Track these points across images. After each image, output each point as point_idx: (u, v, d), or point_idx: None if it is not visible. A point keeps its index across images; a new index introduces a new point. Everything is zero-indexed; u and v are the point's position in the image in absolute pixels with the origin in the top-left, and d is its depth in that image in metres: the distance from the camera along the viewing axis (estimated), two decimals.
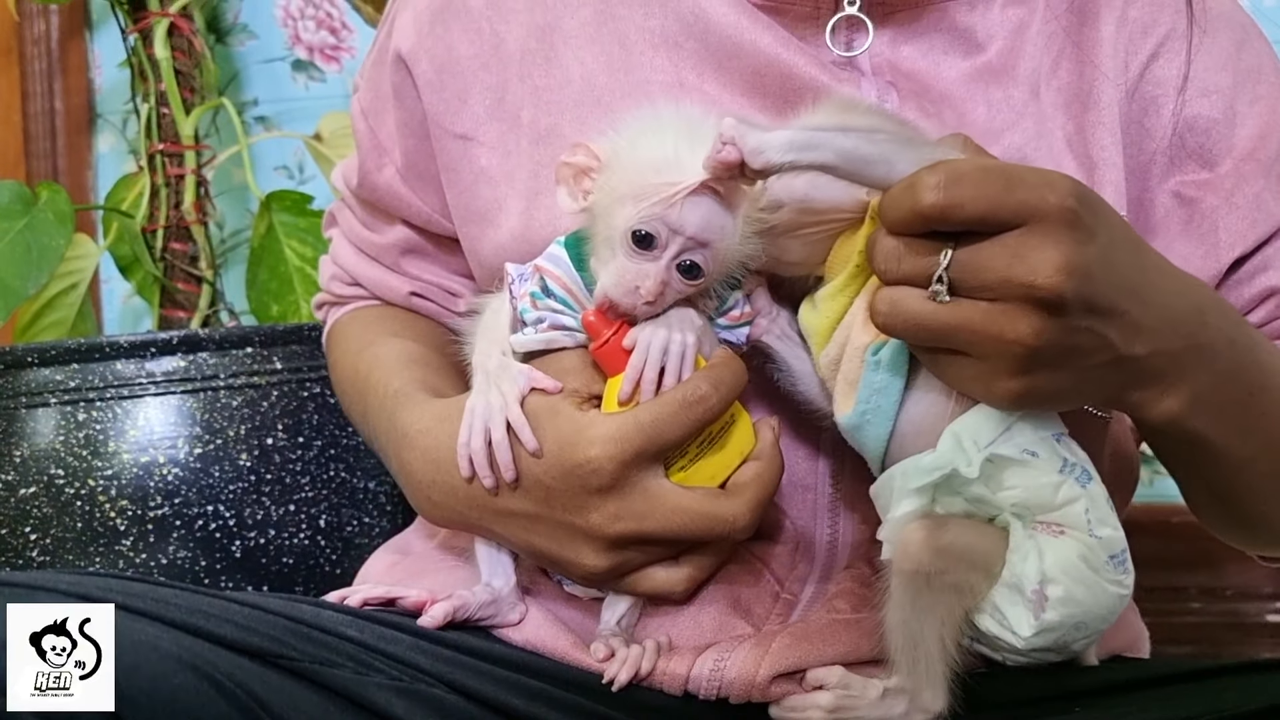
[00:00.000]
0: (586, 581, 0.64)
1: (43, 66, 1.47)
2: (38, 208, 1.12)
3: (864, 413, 0.58)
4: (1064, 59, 0.69)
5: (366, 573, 0.76)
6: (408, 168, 0.76)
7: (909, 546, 0.57)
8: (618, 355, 0.60)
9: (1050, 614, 0.56)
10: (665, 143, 0.57)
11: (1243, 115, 0.71)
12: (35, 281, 1.09)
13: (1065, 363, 0.53)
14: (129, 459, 1.03)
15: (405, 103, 0.75)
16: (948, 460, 0.56)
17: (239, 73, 1.43)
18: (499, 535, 0.65)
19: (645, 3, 0.69)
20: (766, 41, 0.67)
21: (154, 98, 1.24)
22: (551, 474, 0.60)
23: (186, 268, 1.25)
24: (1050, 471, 0.56)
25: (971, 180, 0.51)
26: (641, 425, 0.59)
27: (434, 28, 0.73)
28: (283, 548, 1.05)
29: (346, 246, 0.84)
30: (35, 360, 1.05)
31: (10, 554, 1.04)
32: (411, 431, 0.67)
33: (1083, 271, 0.51)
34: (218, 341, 1.06)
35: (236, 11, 1.43)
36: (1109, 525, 0.57)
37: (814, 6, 0.68)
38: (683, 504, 0.60)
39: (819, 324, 0.60)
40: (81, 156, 1.48)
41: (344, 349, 0.80)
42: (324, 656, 0.58)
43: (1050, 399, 0.56)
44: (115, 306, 1.50)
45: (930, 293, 0.52)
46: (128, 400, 1.05)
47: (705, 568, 0.64)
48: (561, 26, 0.70)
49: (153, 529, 1.03)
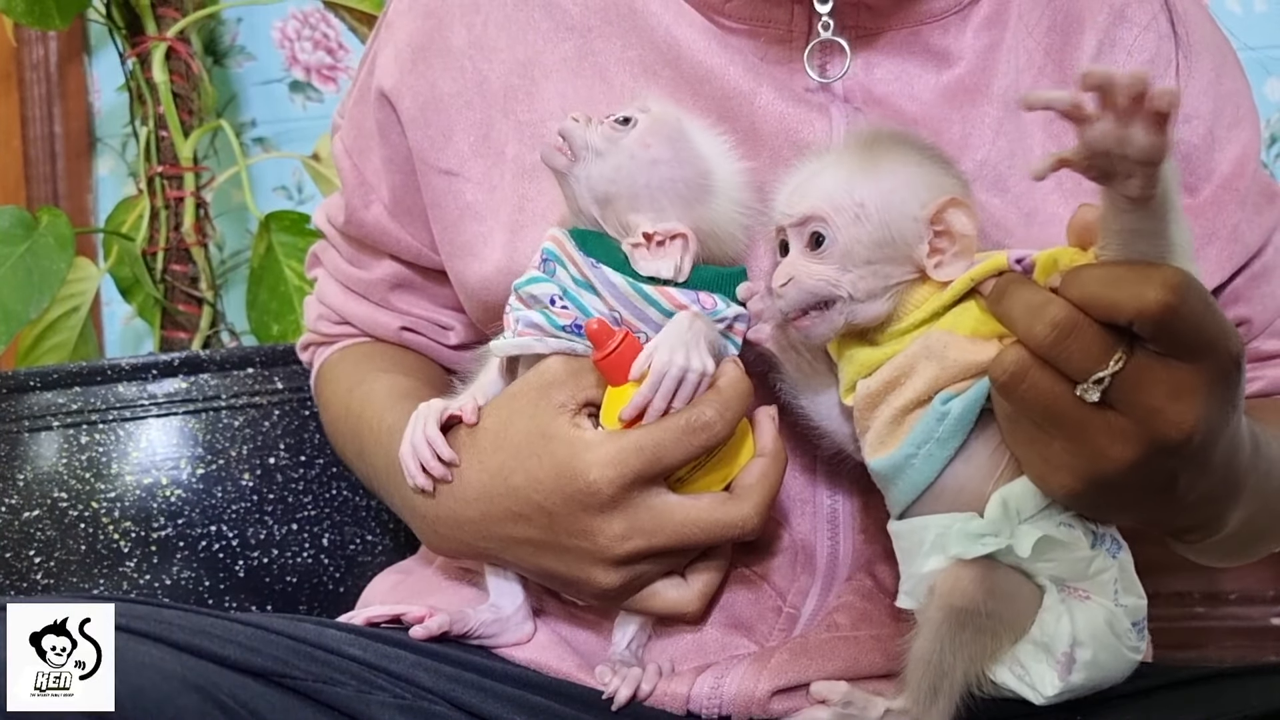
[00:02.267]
0: (600, 600, 0.64)
1: (42, 91, 1.47)
2: (38, 232, 1.12)
3: (910, 457, 0.57)
4: (1044, 78, 0.69)
5: (370, 593, 0.77)
6: (395, 203, 0.76)
7: (963, 584, 0.56)
8: (623, 367, 0.59)
9: (1075, 676, 0.56)
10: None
11: (1222, 141, 0.71)
12: (37, 305, 1.10)
13: (1134, 489, 0.53)
14: (132, 481, 1.04)
15: (390, 139, 0.75)
16: (1001, 535, 0.55)
17: (237, 94, 1.44)
18: (509, 562, 0.65)
19: (624, 34, 0.70)
20: (735, 71, 0.67)
21: (153, 120, 1.25)
22: (552, 500, 0.60)
23: (187, 289, 1.26)
24: (1085, 547, 0.56)
25: (1198, 298, 0.49)
26: (642, 449, 0.58)
27: (416, 65, 0.73)
28: (286, 567, 1.06)
29: (333, 285, 0.84)
30: (38, 384, 1.06)
31: (15, 577, 1.04)
32: None
33: (1212, 431, 0.51)
34: (219, 362, 1.07)
35: (234, 34, 1.44)
36: (1134, 594, 0.57)
37: (787, 30, 0.69)
38: (691, 516, 0.60)
39: (873, 357, 0.58)
40: (81, 180, 1.49)
41: (334, 389, 0.80)
42: (327, 675, 0.58)
43: (1097, 509, 0.55)
44: (116, 329, 1.50)
45: (1082, 387, 0.50)
46: (130, 422, 1.05)
47: (713, 582, 0.64)
48: (542, 61, 0.71)
49: (156, 550, 1.03)
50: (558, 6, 0.71)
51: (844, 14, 0.68)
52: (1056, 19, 0.70)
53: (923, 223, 0.56)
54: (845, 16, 0.68)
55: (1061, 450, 0.52)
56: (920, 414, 0.56)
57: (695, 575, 0.63)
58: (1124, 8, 0.71)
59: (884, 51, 0.69)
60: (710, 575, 0.64)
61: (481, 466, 0.63)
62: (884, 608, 0.67)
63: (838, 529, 0.68)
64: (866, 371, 0.58)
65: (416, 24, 0.74)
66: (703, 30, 0.68)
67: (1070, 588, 0.57)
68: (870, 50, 0.69)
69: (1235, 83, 0.74)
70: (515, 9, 0.72)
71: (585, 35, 0.70)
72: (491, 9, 0.72)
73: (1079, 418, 0.51)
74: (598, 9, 0.70)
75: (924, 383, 0.56)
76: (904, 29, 0.69)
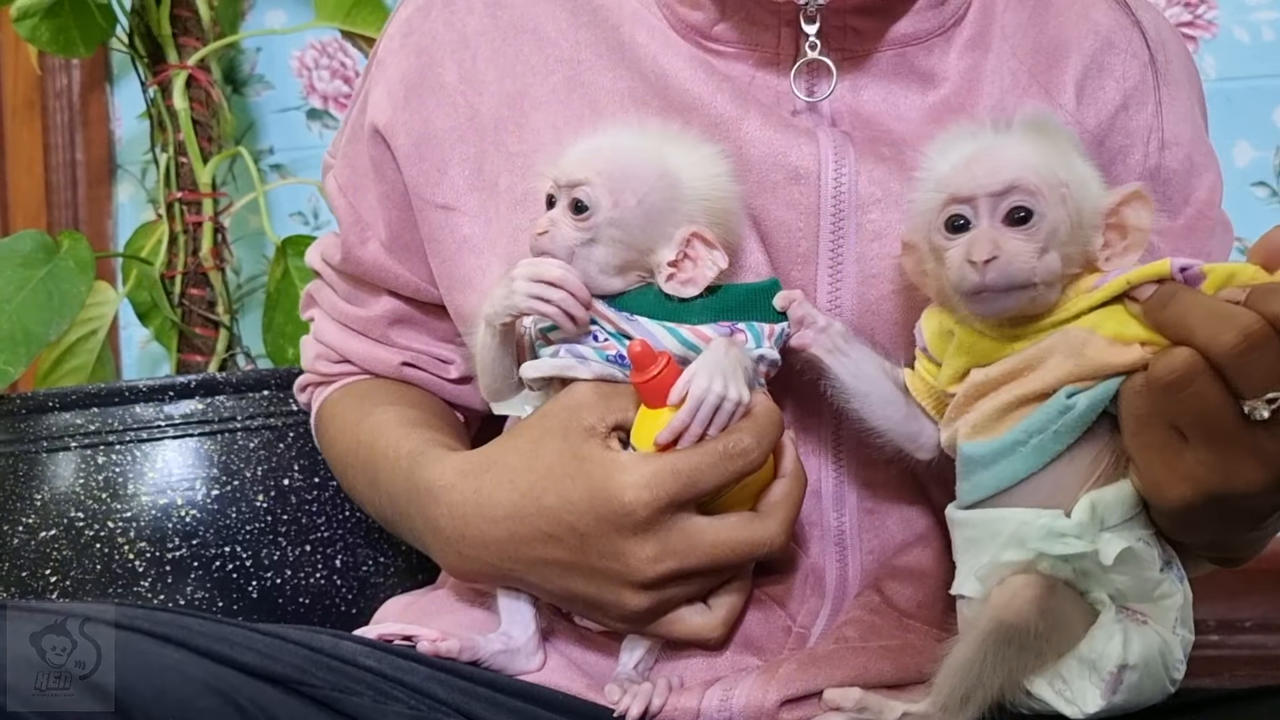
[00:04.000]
0: (626, 623, 0.64)
1: (64, 119, 1.50)
2: (59, 256, 1.14)
3: (1017, 444, 0.55)
4: (1029, 98, 0.70)
5: (383, 614, 0.77)
6: (392, 239, 0.77)
7: (1019, 602, 0.55)
8: (662, 390, 0.59)
9: (1118, 697, 0.56)
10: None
11: (1200, 168, 0.73)
12: (56, 328, 1.11)
13: (1242, 512, 0.53)
14: (147, 501, 1.04)
15: (385, 175, 0.76)
16: (1085, 539, 0.54)
17: (255, 122, 1.46)
18: (534, 585, 0.65)
19: (613, 66, 0.71)
20: (722, 99, 0.68)
21: (173, 147, 1.27)
22: (585, 520, 0.60)
23: (204, 313, 1.27)
24: (1154, 567, 0.56)
25: None
26: (678, 473, 0.59)
27: (409, 102, 0.74)
28: (299, 588, 1.06)
29: (330, 324, 0.84)
30: (56, 405, 1.07)
31: (30, 596, 1.05)
32: (436, 487, 0.67)
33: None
34: (235, 384, 1.08)
35: (253, 63, 1.46)
36: (1187, 627, 0.57)
37: (775, 52, 0.69)
38: (721, 537, 0.60)
39: (1000, 349, 0.56)
40: (101, 206, 1.51)
41: (340, 425, 0.80)
42: (344, 685, 0.59)
43: (1191, 526, 0.55)
44: (134, 352, 1.52)
45: (1251, 404, 0.49)
46: (146, 443, 1.06)
47: (737, 607, 0.65)
48: (532, 93, 0.71)
49: (170, 570, 1.03)
50: (546, 39, 0.72)
51: (831, 37, 0.69)
52: (1041, 41, 0.71)
53: (1102, 213, 0.56)
54: (832, 39, 0.69)
55: (1194, 461, 0.52)
56: (1033, 407, 0.55)
57: (718, 601, 0.64)
58: (1110, 34, 0.72)
59: (870, 74, 0.70)
60: (733, 600, 0.64)
61: (512, 486, 0.63)
62: (892, 621, 0.67)
63: (845, 550, 0.69)
64: (988, 360, 0.57)
65: (408, 61, 0.75)
66: (689, 59, 0.69)
67: (1130, 609, 0.56)
68: (857, 72, 0.70)
69: (1205, 117, 0.77)
70: (504, 42, 0.73)
71: (575, 67, 0.71)
72: (480, 44, 0.73)
73: (1231, 431, 0.50)
74: (587, 42, 0.71)
75: (1053, 377, 0.54)
76: (889, 50, 0.70)
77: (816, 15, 0.68)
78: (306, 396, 0.88)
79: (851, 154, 0.67)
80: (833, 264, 0.67)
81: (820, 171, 0.66)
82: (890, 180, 0.67)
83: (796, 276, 0.67)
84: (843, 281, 0.67)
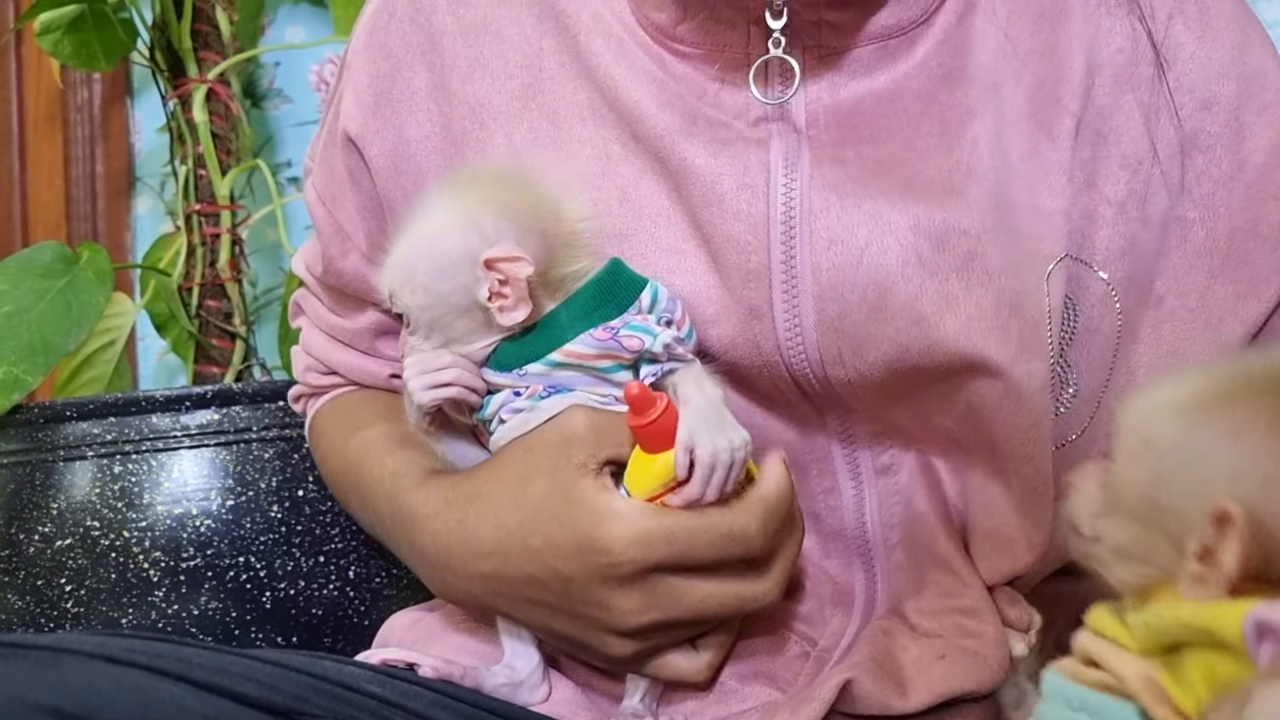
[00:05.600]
0: (610, 665, 0.63)
1: (85, 133, 1.51)
2: (78, 267, 1.15)
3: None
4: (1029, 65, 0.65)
5: (389, 630, 0.75)
6: (373, 250, 0.73)
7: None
8: (662, 435, 0.57)
9: None
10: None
11: (1252, 127, 0.65)
12: (75, 338, 1.11)
13: None
14: (163, 511, 1.05)
15: (362, 185, 0.72)
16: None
17: (273, 135, 1.47)
18: (520, 620, 0.64)
19: (574, 76, 0.67)
20: (669, 114, 0.64)
21: (192, 160, 1.28)
22: (570, 566, 0.58)
23: (221, 324, 1.28)
24: None
25: None
26: (672, 539, 0.57)
27: (379, 109, 0.71)
28: (312, 599, 1.06)
29: (317, 335, 0.80)
30: (73, 414, 1.07)
31: (45, 605, 1.05)
32: (419, 515, 0.65)
33: None
34: (250, 395, 1.08)
35: (272, 77, 1.47)
36: None
37: (744, 52, 0.64)
38: (711, 592, 0.58)
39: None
40: (120, 219, 1.52)
41: (330, 440, 0.78)
42: (346, 713, 0.58)
43: None
44: (151, 364, 1.53)
45: None
46: (162, 453, 1.06)
47: (723, 650, 0.63)
48: (492, 102, 0.68)
49: (185, 580, 1.04)
50: (507, 42, 0.68)
51: (803, 33, 0.63)
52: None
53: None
54: (805, 35, 0.63)
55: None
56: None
57: (706, 643, 0.62)
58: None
59: (848, 71, 0.64)
60: (720, 644, 0.62)
61: (498, 522, 0.61)
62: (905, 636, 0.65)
63: (873, 562, 0.67)
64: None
65: (374, 65, 0.71)
66: (640, 70, 0.65)
67: None
68: (833, 71, 0.64)
69: (1263, 61, 0.66)
70: (465, 45, 0.69)
71: (535, 74, 0.68)
72: (446, 44, 0.69)
73: None
74: (550, 50, 0.67)
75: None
76: (870, 45, 0.64)
77: (783, 9, 0.62)
78: (300, 406, 0.85)
79: (806, 158, 0.62)
80: (786, 278, 0.62)
81: (770, 179, 0.62)
82: (846, 182, 0.62)
83: (750, 297, 0.62)
84: (799, 298, 0.62)
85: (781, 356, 0.63)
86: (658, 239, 0.64)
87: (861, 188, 0.62)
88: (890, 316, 0.61)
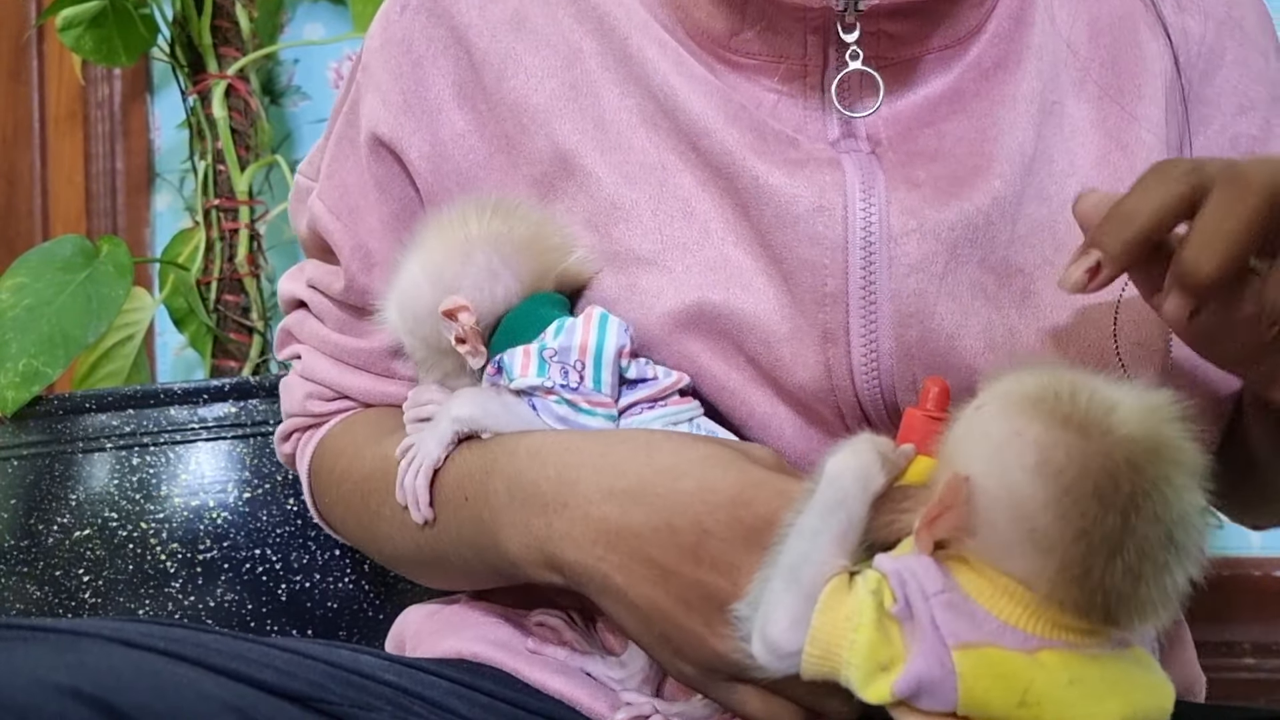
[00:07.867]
0: (701, 668, 0.55)
1: (106, 129, 1.52)
2: (99, 260, 1.16)
3: None
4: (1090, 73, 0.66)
5: (404, 622, 0.74)
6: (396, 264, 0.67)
7: None
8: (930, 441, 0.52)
9: None
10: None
11: (1278, 129, 0.68)
12: (95, 330, 1.12)
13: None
14: (180, 503, 1.05)
15: (392, 193, 0.69)
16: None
17: (292, 132, 1.48)
18: (610, 589, 0.56)
19: (620, 80, 0.65)
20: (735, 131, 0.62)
21: (211, 155, 1.29)
22: (717, 516, 0.53)
23: (238, 319, 1.28)
24: None
25: None
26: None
27: (410, 108, 0.68)
28: (327, 592, 1.06)
29: (321, 360, 0.75)
30: (92, 406, 1.08)
31: (64, 595, 1.06)
32: (544, 449, 0.59)
33: None
34: (268, 388, 1.09)
35: (290, 74, 1.48)
36: None
37: (802, 64, 0.64)
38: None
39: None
40: (140, 214, 1.53)
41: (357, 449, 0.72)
42: (363, 700, 0.58)
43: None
44: (169, 359, 1.54)
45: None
46: (180, 445, 1.07)
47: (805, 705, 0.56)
48: (529, 103, 0.66)
49: (201, 572, 1.04)
50: (544, 41, 0.66)
51: (863, 44, 0.63)
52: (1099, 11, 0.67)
53: None
54: (865, 47, 0.63)
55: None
56: None
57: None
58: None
59: (908, 83, 0.64)
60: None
61: (649, 459, 0.55)
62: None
63: None
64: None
65: (396, 62, 0.68)
66: (702, 82, 0.63)
67: None
68: (894, 83, 0.64)
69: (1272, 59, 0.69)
70: (494, 40, 0.67)
71: (579, 76, 0.66)
72: (473, 41, 0.67)
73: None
74: (593, 52, 0.66)
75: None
76: (930, 54, 0.64)
77: (856, 23, 0.62)
78: (290, 447, 0.78)
79: (881, 180, 0.62)
80: (865, 303, 0.61)
81: (847, 203, 0.61)
82: (925, 208, 0.62)
83: (825, 320, 0.61)
84: (878, 323, 0.61)
85: (853, 381, 0.62)
86: (725, 255, 0.63)
87: (938, 213, 0.62)
88: (965, 346, 0.62)
